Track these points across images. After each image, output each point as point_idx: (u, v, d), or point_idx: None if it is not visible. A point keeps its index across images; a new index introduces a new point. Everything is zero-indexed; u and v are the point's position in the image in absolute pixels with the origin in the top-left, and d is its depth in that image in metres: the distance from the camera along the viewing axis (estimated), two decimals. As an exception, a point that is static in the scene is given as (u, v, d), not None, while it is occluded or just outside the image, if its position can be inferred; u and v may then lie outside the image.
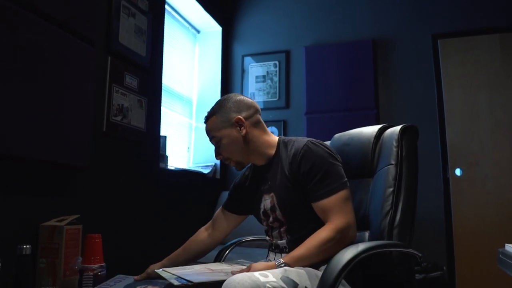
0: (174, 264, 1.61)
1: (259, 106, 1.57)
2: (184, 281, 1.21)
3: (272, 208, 1.44)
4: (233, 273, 1.24)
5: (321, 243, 1.25)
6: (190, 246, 1.69)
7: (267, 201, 1.47)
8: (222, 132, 1.48)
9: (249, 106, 1.50)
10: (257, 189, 1.54)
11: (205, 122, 1.55)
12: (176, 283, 1.21)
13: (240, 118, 1.46)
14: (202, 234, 1.70)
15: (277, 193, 1.43)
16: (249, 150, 1.48)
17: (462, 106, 3.40)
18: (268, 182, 1.48)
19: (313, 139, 1.42)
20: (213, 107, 1.53)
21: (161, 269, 1.41)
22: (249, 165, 1.64)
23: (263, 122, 1.54)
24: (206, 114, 1.56)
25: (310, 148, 1.36)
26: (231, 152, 1.49)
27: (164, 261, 1.66)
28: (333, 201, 1.30)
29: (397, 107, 3.55)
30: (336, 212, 1.29)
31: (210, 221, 1.71)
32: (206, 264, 1.54)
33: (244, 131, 1.46)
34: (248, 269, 1.23)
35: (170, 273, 1.33)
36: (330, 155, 1.37)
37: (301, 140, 1.42)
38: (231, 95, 1.55)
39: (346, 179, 1.36)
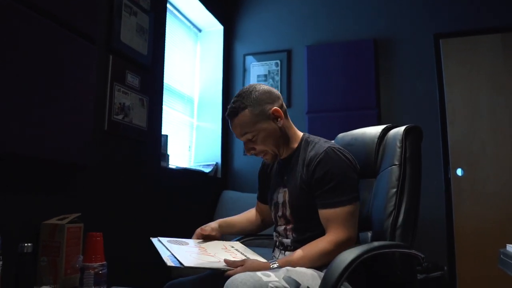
0: (227, 226, 1.63)
1: None
2: (177, 262, 1.21)
3: (283, 204, 1.44)
4: (226, 261, 1.25)
5: (317, 254, 1.25)
6: (249, 222, 1.69)
7: (280, 195, 1.46)
8: (258, 126, 1.39)
9: (278, 96, 1.45)
10: (275, 178, 1.54)
11: (232, 117, 1.42)
12: (168, 263, 1.23)
13: (277, 109, 1.40)
14: (258, 220, 1.70)
15: (290, 190, 1.42)
16: (283, 142, 1.45)
17: (463, 106, 3.40)
18: (284, 177, 1.46)
19: (336, 145, 1.38)
20: (239, 100, 1.40)
21: (156, 239, 1.40)
22: None
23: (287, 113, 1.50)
24: (231, 108, 1.43)
25: (329, 155, 1.33)
26: (268, 145, 1.43)
27: (221, 221, 1.64)
28: (338, 213, 1.28)
29: (399, 106, 3.54)
30: (338, 225, 1.27)
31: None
32: (202, 242, 1.51)
33: (282, 122, 1.41)
34: (242, 264, 1.23)
35: (165, 246, 1.33)
36: (348, 166, 1.33)
37: (322, 144, 1.38)
38: (255, 85, 1.45)
39: (357, 193, 1.33)
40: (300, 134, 1.50)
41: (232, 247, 1.52)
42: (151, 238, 1.43)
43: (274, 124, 1.41)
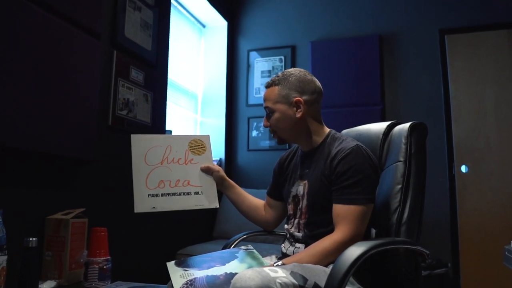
0: (237, 193, 1.66)
1: (322, 90, 1.51)
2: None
3: (302, 196, 1.44)
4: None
5: (319, 253, 1.25)
6: (254, 206, 1.68)
7: (300, 187, 1.46)
8: (277, 106, 1.45)
9: (313, 91, 1.46)
10: (293, 172, 1.53)
11: (266, 87, 1.51)
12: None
13: (300, 101, 1.42)
14: (261, 212, 1.69)
15: (310, 183, 1.41)
16: (297, 133, 1.47)
17: (468, 102, 3.38)
18: (306, 170, 1.46)
19: (363, 145, 1.38)
20: (278, 76, 1.48)
21: (173, 263, 1.38)
22: (291, 148, 1.64)
23: (320, 109, 1.50)
24: (270, 79, 1.51)
25: (356, 152, 1.33)
26: (279, 128, 1.47)
27: (235, 186, 1.67)
28: (350, 210, 1.27)
29: (403, 102, 3.53)
30: (348, 222, 1.27)
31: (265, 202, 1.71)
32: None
33: (299, 115, 1.43)
34: None
35: (182, 277, 1.28)
36: (372, 167, 1.34)
37: (350, 141, 1.38)
38: (300, 72, 1.48)
39: (374, 196, 1.33)
40: (327, 130, 1.50)
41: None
42: (167, 263, 1.41)
43: (293, 112, 1.43)
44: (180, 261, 1.38)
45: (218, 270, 1.30)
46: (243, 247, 1.51)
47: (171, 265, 1.36)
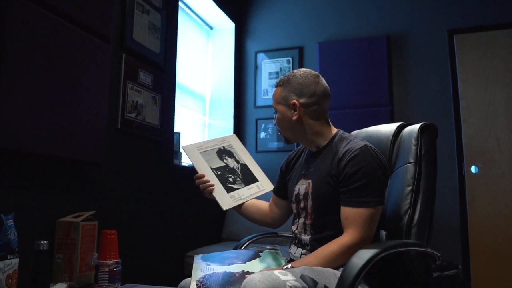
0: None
1: (327, 93, 1.49)
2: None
3: (305, 195, 1.43)
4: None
5: (328, 256, 1.24)
6: (256, 209, 1.71)
7: (303, 186, 1.45)
8: (278, 107, 1.49)
9: (313, 94, 1.44)
10: (298, 170, 1.54)
11: (275, 86, 1.55)
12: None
13: (295, 103, 1.43)
14: (266, 210, 1.71)
15: (314, 182, 1.40)
16: (297, 133, 1.48)
17: (478, 103, 3.35)
18: (311, 169, 1.46)
19: (372, 145, 1.37)
20: (283, 77, 1.51)
21: (199, 256, 1.39)
22: (298, 147, 1.64)
23: (324, 112, 1.48)
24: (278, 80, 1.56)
25: (364, 153, 1.31)
26: (281, 127, 1.51)
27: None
28: (360, 213, 1.26)
29: (412, 103, 3.51)
30: (357, 225, 1.26)
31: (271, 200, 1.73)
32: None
33: (295, 117, 1.44)
34: None
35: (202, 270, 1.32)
36: (381, 168, 1.32)
37: (358, 142, 1.37)
38: (305, 72, 1.48)
39: (383, 198, 1.32)
40: (333, 131, 1.49)
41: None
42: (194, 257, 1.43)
43: (290, 114, 1.45)
44: (206, 256, 1.41)
45: (237, 268, 1.32)
46: (268, 247, 1.51)
47: (197, 258, 1.39)
